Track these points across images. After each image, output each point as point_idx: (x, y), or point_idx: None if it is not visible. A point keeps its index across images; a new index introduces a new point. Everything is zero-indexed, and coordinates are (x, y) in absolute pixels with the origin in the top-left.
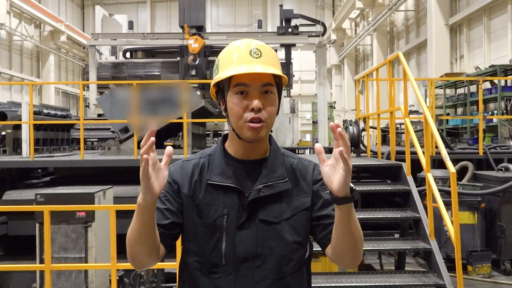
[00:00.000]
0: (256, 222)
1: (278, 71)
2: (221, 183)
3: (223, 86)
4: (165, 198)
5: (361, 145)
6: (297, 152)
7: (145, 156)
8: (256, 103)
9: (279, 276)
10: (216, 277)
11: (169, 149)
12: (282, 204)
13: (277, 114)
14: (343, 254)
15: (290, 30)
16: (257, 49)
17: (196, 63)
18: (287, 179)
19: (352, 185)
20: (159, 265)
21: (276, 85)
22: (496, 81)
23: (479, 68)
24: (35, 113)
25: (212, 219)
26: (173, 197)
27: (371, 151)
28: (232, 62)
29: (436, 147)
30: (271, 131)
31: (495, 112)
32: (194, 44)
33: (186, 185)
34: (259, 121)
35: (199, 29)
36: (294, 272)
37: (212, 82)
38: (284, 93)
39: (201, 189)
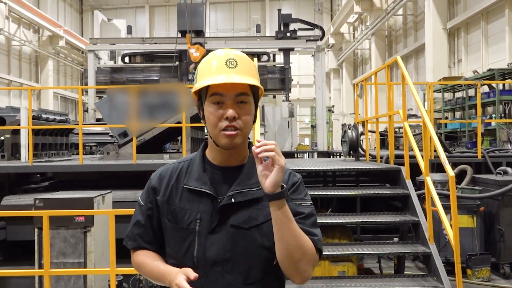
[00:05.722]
0: (227, 227)
1: (253, 81)
2: (196, 188)
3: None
4: (147, 214)
5: (360, 149)
6: (295, 156)
7: None
8: (230, 112)
9: (248, 281)
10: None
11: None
12: (254, 210)
13: (254, 122)
14: (283, 264)
15: (288, 34)
16: (233, 59)
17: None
18: (260, 187)
19: (284, 184)
20: None
21: (252, 93)
22: (494, 85)
23: (477, 72)
24: (33, 118)
25: (186, 224)
26: (153, 209)
27: (370, 155)
28: (210, 72)
29: (435, 150)
30: (248, 138)
31: (494, 115)
32: (195, 53)
33: (162, 191)
34: (234, 129)
35: (198, 34)
36: (261, 278)
37: (192, 91)
38: (282, 97)
39: (177, 194)
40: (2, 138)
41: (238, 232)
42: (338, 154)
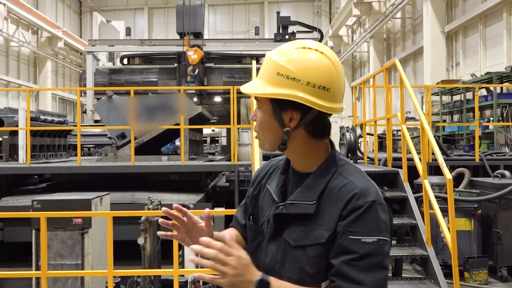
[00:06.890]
0: (282, 239)
1: (252, 88)
2: (270, 190)
3: None
4: (246, 202)
5: (358, 151)
6: None
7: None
8: (252, 114)
9: None
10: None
11: (206, 212)
12: (306, 228)
13: (286, 129)
14: None
15: (287, 37)
16: (263, 60)
17: (195, 73)
18: (315, 201)
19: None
20: (156, 271)
21: (275, 100)
22: (492, 88)
23: (475, 75)
24: (32, 119)
25: (260, 223)
26: (249, 198)
27: (368, 157)
28: None
29: (433, 153)
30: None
31: (491, 119)
32: (193, 55)
33: (255, 184)
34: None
35: (197, 36)
36: None
37: None
38: None
39: (262, 191)
40: (0, 139)
41: (287, 247)
42: None
